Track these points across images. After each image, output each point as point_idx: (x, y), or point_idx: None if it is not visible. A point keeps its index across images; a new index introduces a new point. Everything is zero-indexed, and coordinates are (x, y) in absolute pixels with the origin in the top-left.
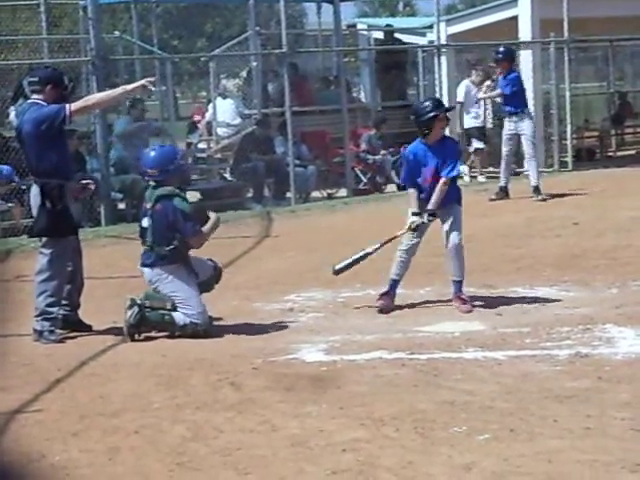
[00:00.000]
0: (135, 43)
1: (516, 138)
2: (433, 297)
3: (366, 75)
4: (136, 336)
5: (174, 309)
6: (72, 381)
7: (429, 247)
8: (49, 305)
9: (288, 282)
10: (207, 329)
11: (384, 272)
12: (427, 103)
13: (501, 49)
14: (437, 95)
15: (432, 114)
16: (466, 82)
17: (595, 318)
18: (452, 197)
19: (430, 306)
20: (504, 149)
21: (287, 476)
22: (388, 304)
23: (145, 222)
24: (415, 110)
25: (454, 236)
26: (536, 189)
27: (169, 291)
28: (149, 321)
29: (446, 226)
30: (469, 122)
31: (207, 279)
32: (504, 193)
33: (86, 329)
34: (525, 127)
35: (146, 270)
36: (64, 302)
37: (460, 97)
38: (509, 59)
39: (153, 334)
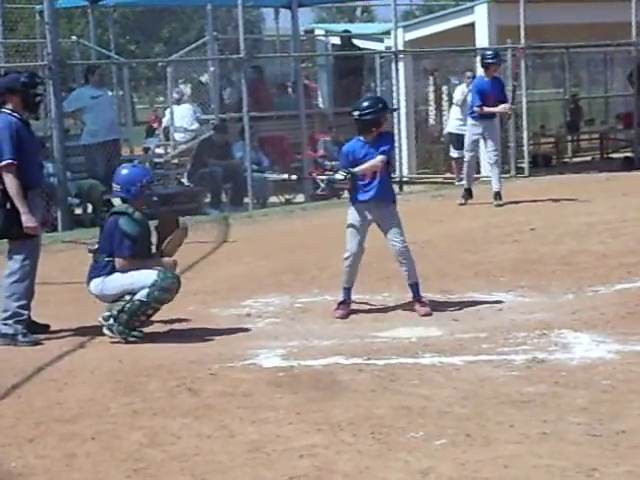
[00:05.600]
0: (92, 48)
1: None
2: (390, 303)
3: (324, 80)
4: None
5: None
6: (28, 387)
7: (386, 252)
8: (21, 307)
9: (245, 287)
10: (170, 278)
11: (340, 278)
12: (376, 102)
13: (490, 52)
14: (395, 101)
15: (385, 112)
16: (462, 87)
17: (551, 323)
18: (388, 196)
19: (387, 312)
20: (472, 153)
21: None
22: (347, 312)
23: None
24: (364, 108)
25: (398, 241)
26: (497, 194)
27: (117, 288)
28: (127, 321)
29: (387, 232)
30: (454, 128)
31: None
32: (469, 194)
33: (43, 330)
34: (494, 131)
35: (91, 285)
36: None
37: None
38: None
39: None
